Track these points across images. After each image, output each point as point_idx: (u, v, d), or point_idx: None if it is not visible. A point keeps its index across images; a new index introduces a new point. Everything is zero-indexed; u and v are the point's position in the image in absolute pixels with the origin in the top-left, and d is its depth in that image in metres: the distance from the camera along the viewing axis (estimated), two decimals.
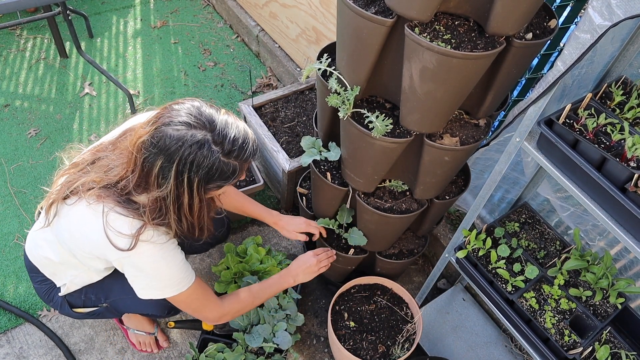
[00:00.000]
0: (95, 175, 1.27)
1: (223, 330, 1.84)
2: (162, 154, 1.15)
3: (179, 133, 1.15)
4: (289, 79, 2.84)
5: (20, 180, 2.38)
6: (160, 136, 1.15)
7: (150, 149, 1.16)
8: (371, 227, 1.69)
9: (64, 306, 1.59)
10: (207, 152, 1.16)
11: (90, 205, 1.25)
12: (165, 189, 1.19)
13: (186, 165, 1.16)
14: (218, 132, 1.18)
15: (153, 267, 1.31)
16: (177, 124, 1.15)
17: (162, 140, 1.15)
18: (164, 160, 1.16)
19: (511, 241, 1.64)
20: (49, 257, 1.46)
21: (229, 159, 1.20)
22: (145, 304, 1.57)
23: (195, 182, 1.19)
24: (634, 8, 1.02)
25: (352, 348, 1.76)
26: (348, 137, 1.47)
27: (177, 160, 1.15)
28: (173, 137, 1.14)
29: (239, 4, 3.26)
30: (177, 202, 1.22)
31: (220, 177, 1.22)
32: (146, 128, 1.18)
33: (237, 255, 2.00)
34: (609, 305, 1.51)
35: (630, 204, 1.11)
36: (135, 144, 1.18)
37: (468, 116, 1.50)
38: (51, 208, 1.32)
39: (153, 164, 1.17)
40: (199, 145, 1.15)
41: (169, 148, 1.14)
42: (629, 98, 1.34)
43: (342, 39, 1.32)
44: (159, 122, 1.17)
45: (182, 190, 1.20)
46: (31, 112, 2.69)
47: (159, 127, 1.16)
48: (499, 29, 1.17)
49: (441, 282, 2.22)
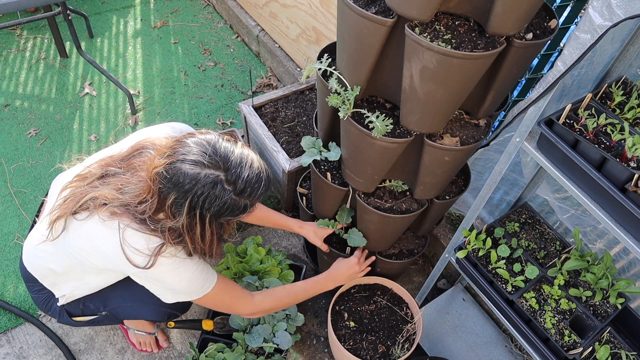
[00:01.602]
0: (107, 192, 1.26)
1: (223, 330, 1.84)
2: (175, 189, 1.17)
3: (193, 172, 1.16)
4: (289, 79, 2.84)
5: (20, 180, 2.38)
6: (174, 172, 1.16)
7: (164, 182, 1.18)
8: (371, 227, 1.69)
9: (63, 315, 1.58)
10: (220, 192, 1.18)
11: (104, 222, 1.25)
12: (179, 220, 1.21)
13: (199, 202, 1.18)
14: (232, 171, 1.19)
15: (172, 276, 1.31)
16: (190, 162, 1.16)
17: (176, 177, 1.16)
18: (178, 196, 1.18)
19: (511, 241, 1.64)
20: (51, 268, 1.44)
21: (240, 198, 1.22)
22: (145, 311, 1.57)
23: (207, 217, 1.22)
24: (634, 8, 1.02)
25: (352, 348, 1.76)
26: (348, 137, 1.47)
27: (190, 197, 1.17)
28: (187, 174, 1.16)
29: (239, 4, 3.26)
30: (191, 232, 1.25)
31: (231, 213, 1.24)
32: (161, 160, 1.19)
33: (237, 255, 2.00)
34: (609, 306, 1.51)
35: (630, 204, 1.11)
36: (151, 173, 1.20)
37: (468, 116, 1.50)
38: (57, 222, 1.30)
39: (167, 196, 1.19)
40: (212, 185, 1.17)
41: (183, 185, 1.16)
42: (629, 98, 1.34)
43: (343, 39, 1.32)
44: (173, 157, 1.18)
45: (195, 222, 1.22)
46: (31, 112, 2.69)
47: (174, 162, 1.17)
48: (499, 29, 1.17)
49: (441, 282, 2.22)
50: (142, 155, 1.31)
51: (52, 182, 1.47)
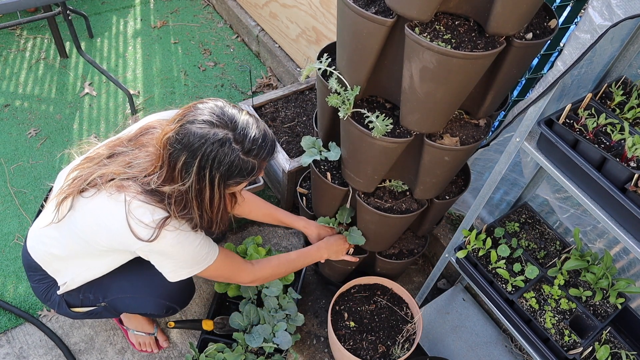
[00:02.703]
0: (115, 168, 1.29)
1: (223, 330, 1.84)
2: (185, 150, 1.20)
3: (202, 131, 1.20)
4: (289, 79, 2.85)
5: (20, 180, 2.38)
6: (185, 133, 1.20)
7: (175, 145, 1.21)
8: (371, 227, 1.69)
9: (62, 305, 1.59)
10: (229, 150, 1.21)
11: (111, 196, 1.27)
12: (188, 182, 1.24)
13: (208, 161, 1.21)
14: (240, 131, 1.23)
15: (176, 249, 1.33)
16: (200, 122, 1.21)
17: (186, 137, 1.20)
18: (188, 156, 1.21)
19: (511, 241, 1.64)
20: (54, 253, 1.46)
21: (248, 157, 1.25)
22: (143, 304, 1.57)
23: (216, 177, 1.25)
24: (634, 8, 1.02)
25: (352, 348, 1.76)
26: (348, 137, 1.47)
27: (199, 156, 1.20)
28: (197, 134, 1.19)
29: (239, 4, 3.26)
30: (200, 197, 1.27)
31: (240, 174, 1.27)
32: (172, 125, 1.23)
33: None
34: (609, 306, 1.51)
35: (630, 204, 1.11)
36: (162, 140, 1.23)
37: (468, 116, 1.50)
38: (64, 202, 1.33)
39: (177, 159, 1.22)
40: (221, 143, 1.20)
41: (192, 145, 1.20)
42: (629, 98, 1.34)
43: (342, 38, 1.32)
44: (184, 119, 1.22)
45: (204, 184, 1.25)
46: (31, 112, 2.69)
47: (184, 124, 1.21)
48: (499, 29, 1.17)
49: (441, 282, 2.22)
50: (150, 133, 1.35)
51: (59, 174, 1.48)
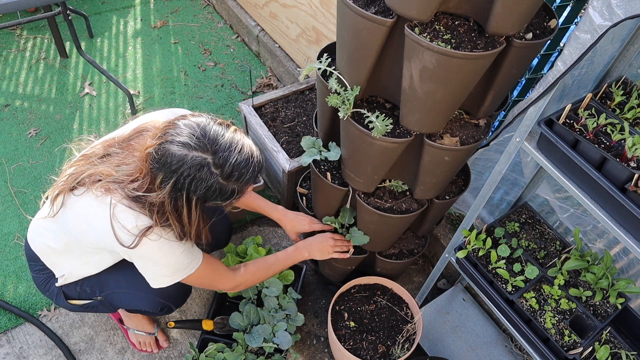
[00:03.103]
0: (104, 168, 1.29)
1: (223, 330, 1.84)
2: (163, 169, 1.19)
3: (180, 153, 1.17)
4: (289, 79, 2.84)
5: (20, 180, 2.38)
6: (163, 153, 1.18)
7: (153, 162, 1.20)
8: (371, 227, 1.69)
9: (60, 297, 1.59)
10: (206, 175, 1.19)
11: (98, 197, 1.27)
12: (166, 199, 1.22)
13: (185, 184, 1.20)
14: (220, 154, 1.19)
15: (158, 256, 1.33)
16: (178, 144, 1.18)
17: (164, 157, 1.18)
18: (164, 175, 1.20)
19: (511, 241, 1.64)
20: (51, 246, 1.47)
21: (228, 182, 1.23)
22: (138, 300, 1.57)
23: (193, 200, 1.24)
24: (634, 8, 1.02)
25: (352, 348, 1.76)
26: (348, 137, 1.47)
27: (175, 178, 1.19)
28: (174, 156, 1.17)
29: (239, 4, 3.26)
30: (176, 213, 1.26)
31: (219, 197, 1.26)
32: (153, 141, 1.22)
33: (237, 255, 2.00)
34: (609, 306, 1.51)
35: (630, 204, 1.11)
36: (144, 152, 1.23)
37: (468, 116, 1.50)
38: (57, 198, 1.34)
39: (156, 175, 1.21)
40: (199, 168, 1.18)
41: (170, 165, 1.18)
42: (629, 98, 1.34)
43: (342, 39, 1.32)
44: (164, 137, 1.20)
45: (181, 204, 1.24)
46: (31, 112, 2.69)
47: (163, 143, 1.19)
48: (499, 29, 1.17)
49: (441, 282, 2.22)
50: (141, 136, 1.34)
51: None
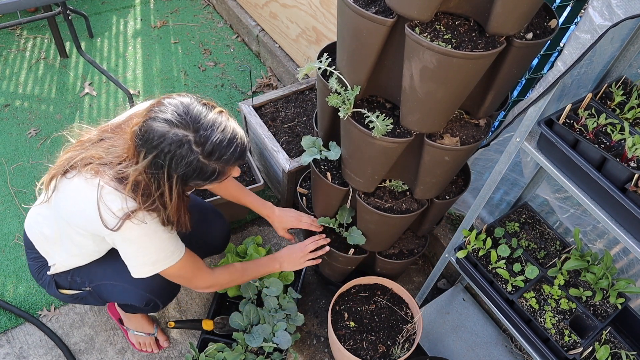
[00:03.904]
0: (95, 152, 1.30)
1: (223, 330, 1.84)
2: (145, 145, 1.20)
3: (162, 129, 1.18)
4: (289, 79, 2.85)
5: (20, 180, 2.38)
6: (146, 129, 1.20)
7: (137, 139, 1.21)
8: (371, 227, 1.69)
9: (52, 286, 1.60)
10: (187, 152, 1.19)
11: (87, 180, 1.28)
12: (146, 175, 1.23)
13: (165, 160, 1.20)
14: (202, 133, 1.20)
15: (143, 239, 1.32)
16: (161, 120, 1.19)
17: (146, 134, 1.20)
18: (146, 151, 1.21)
19: (511, 241, 1.64)
20: (44, 233, 1.48)
21: (209, 161, 1.23)
22: (125, 293, 1.57)
23: (173, 178, 1.23)
24: (634, 8, 1.02)
25: (352, 348, 1.76)
26: (348, 137, 1.47)
27: (156, 153, 1.20)
28: (156, 132, 1.19)
29: (239, 4, 3.26)
30: (157, 192, 1.26)
31: (199, 177, 1.25)
32: (139, 119, 1.24)
33: (237, 255, 2.00)
34: (609, 306, 1.51)
35: (630, 204, 1.11)
36: (131, 131, 1.24)
37: (468, 116, 1.50)
38: (50, 183, 1.35)
39: (140, 152, 1.22)
40: (179, 145, 1.18)
41: (151, 142, 1.19)
42: (629, 98, 1.34)
43: (343, 38, 1.32)
44: (148, 115, 1.22)
45: (162, 182, 1.23)
46: (31, 112, 2.69)
47: (147, 120, 1.21)
48: (500, 29, 1.17)
49: (441, 282, 2.22)
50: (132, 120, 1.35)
51: None
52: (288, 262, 1.73)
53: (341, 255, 1.80)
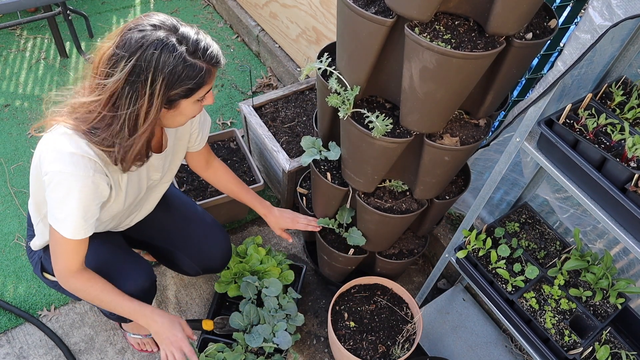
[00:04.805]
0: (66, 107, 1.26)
1: (223, 330, 1.84)
2: (126, 54, 1.13)
3: (143, 33, 1.14)
4: (289, 79, 2.85)
5: (20, 180, 2.38)
6: (125, 40, 1.14)
7: (113, 57, 1.14)
8: (371, 227, 1.69)
9: (37, 267, 1.57)
10: (172, 48, 1.14)
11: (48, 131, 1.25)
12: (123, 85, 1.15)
13: (151, 62, 1.13)
14: (182, 33, 1.18)
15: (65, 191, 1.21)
16: (140, 27, 1.15)
17: (127, 43, 1.13)
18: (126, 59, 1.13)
19: (511, 241, 1.64)
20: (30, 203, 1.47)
21: (194, 59, 1.18)
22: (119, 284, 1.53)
23: (158, 80, 1.15)
24: (634, 8, 1.02)
25: (352, 348, 1.76)
26: (348, 137, 1.47)
27: (138, 55, 1.13)
28: (137, 37, 1.13)
29: (239, 4, 3.26)
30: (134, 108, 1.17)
31: (187, 77, 1.18)
32: (110, 42, 1.17)
33: (237, 255, 2.00)
34: (609, 306, 1.51)
35: (630, 204, 1.11)
36: (100, 58, 1.17)
37: (468, 116, 1.50)
38: None
39: (115, 68, 1.14)
40: (163, 43, 1.14)
41: (132, 47, 1.13)
42: (629, 98, 1.34)
43: (342, 38, 1.32)
44: (123, 31, 1.17)
45: (143, 92, 1.15)
46: (31, 112, 2.69)
47: (124, 33, 1.15)
48: (499, 29, 1.17)
49: (441, 282, 2.22)
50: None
51: None
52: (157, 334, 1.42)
53: (341, 255, 1.80)
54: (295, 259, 2.22)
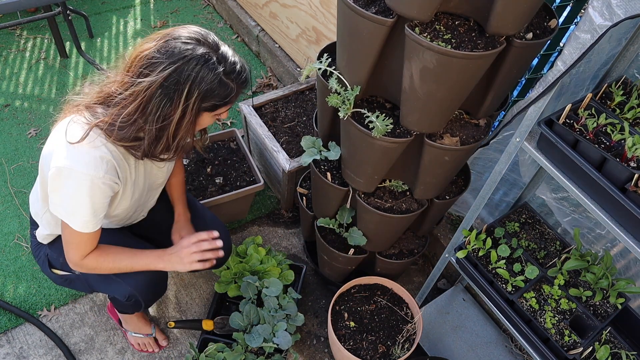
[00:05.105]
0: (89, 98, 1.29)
1: (223, 330, 1.84)
2: (167, 60, 1.19)
3: (188, 46, 1.20)
4: (289, 79, 2.85)
5: (20, 180, 2.38)
6: (169, 47, 1.20)
7: (153, 60, 1.19)
8: (371, 227, 1.69)
9: (45, 264, 1.58)
10: (212, 66, 1.22)
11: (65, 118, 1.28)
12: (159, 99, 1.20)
13: (192, 73, 1.20)
14: (222, 53, 1.25)
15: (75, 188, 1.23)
16: (187, 39, 1.22)
17: (170, 51, 1.19)
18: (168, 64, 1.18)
19: (511, 241, 1.64)
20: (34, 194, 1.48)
21: (228, 79, 1.26)
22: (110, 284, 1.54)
23: (194, 94, 1.21)
24: (634, 8, 1.02)
25: (352, 348, 1.76)
26: (348, 137, 1.47)
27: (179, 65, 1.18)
28: (182, 49, 1.19)
29: (239, 4, 3.26)
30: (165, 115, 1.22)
31: (218, 96, 1.25)
32: (150, 43, 1.22)
33: (237, 255, 2.00)
34: (609, 306, 1.51)
35: (630, 204, 1.11)
36: (138, 55, 1.21)
37: (468, 116, 1.50)
38: None
39: (152, 70, 1.19)
40: (205, 60, 1.21)
41: (175, 55, 1.19)
42: (629, 98, 1.34)
43: (343, 38, 1.32)
44: (167, 36, 1.22)
45: (178, 102, 1.21)
46: (31, 112, 2.69)
47: (168, 40, 1.21)
48: (499, 29, 1.17)
49: (441, 282, 2.22)
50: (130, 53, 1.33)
51: None
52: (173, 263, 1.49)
53: (341, 255, 1.80)
54: (295, 259, 2.22)
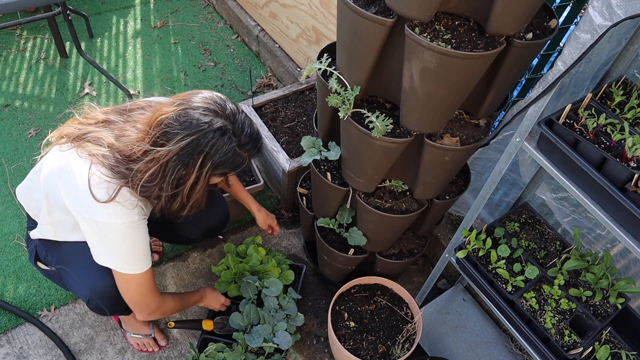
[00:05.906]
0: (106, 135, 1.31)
1: (223, 330, 1.84)
2: (185, 131, 1.23)
3: (206, 118, 1.25)
4: (289, 79, 2.85)
5: (20, 180, 2.34)
6: (187, 117, 1.24)
7: (171, 127, 1.24)
8: (371, 227, 1.69)
9: (32, 255, 1.61)
10: (228, 139, 1.28)
11: (79, 157, 1.30)
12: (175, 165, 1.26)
13: (206, 147, 1.25)
14: (238, 124, 1.31)
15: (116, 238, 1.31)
16: (204, 110, 1.26)
17: (188, 121, 1.24)
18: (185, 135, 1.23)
19: (511, 241, 1.64)
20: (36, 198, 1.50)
21: (241, 150, 1.33)
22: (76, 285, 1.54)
23: (207, 165, 1.28)
24: (634, 8, 1.02)
25: (352, 348, 1.76)
26: (348, 137, 1.47)
27: (196, 137, 1.23)
28: (200, 120, 1.24)
29: (239, 4, 3.26)
30: (179, 179, 1.28)
31: (230, 165, 1.32)
32: (171, 107, 1.26)
33: (237, 255, 2.00)
34: (609, 306, 1.51)
35: (630, 204, 1.11)
36: (157, 119, 1.25)
37: (468, 116, 1.50)
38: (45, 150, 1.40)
39: (168, 141, 1.24)
40: (222, 132, 1.26)
41: (192, 127, 1.23)
42: (629, 98, 1.34)
43: (343, 39, 1.32)
44: (186, 104, 1.26)
45: (192, 170, 1.27)
46: (31, 112, 2.69)
47: (186, 109, 1.25)
48: (499, 29, 1.17)
49: (441, 282, 2.22)
50: (141, 112, 1.37)
51: None
52: (209, 300, 1.79)
53: (341, 255, 1.80)
54: (295, 259, 2.22)
